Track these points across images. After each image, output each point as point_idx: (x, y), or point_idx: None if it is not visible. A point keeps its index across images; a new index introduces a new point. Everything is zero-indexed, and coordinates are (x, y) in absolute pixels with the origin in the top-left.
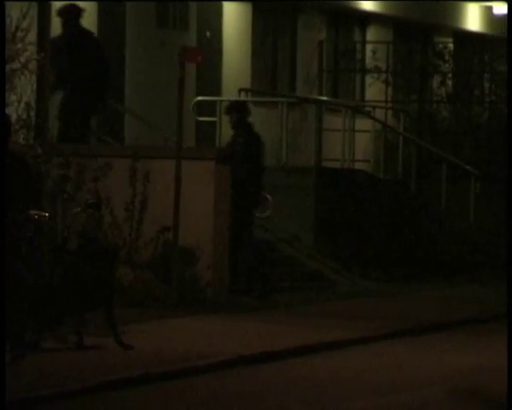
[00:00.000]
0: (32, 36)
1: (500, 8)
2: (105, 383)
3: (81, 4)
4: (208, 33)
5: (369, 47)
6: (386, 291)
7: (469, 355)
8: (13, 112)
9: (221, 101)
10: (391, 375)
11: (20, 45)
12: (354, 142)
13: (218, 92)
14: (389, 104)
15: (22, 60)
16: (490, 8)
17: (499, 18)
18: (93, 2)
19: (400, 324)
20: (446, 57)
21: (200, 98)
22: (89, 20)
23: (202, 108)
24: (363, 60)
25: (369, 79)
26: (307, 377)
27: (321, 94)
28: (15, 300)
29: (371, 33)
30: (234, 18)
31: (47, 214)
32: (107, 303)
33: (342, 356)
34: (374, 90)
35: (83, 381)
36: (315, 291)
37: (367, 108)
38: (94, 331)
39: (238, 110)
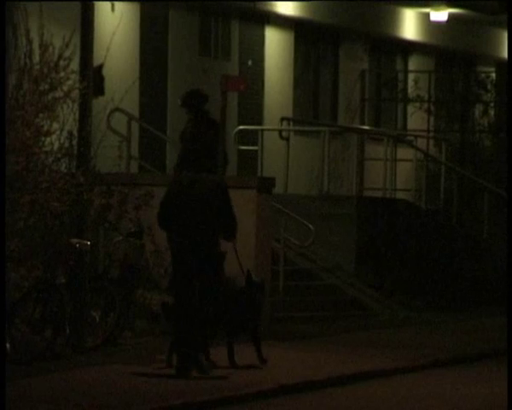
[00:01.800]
0: (75, 64)
1: None
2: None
3: (125, 30)
4: (250, 62)
5: (411, 76)
6: (426, 321)
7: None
8: (55, 140)
9: (263, 130)
10: (431, 405)
11: (62, 74)
12: (396, 171)
13: (259, 121)
14: (431, 133)
15: (65, 88)
16: None
17: None
18: (135, 28)
19: (440, 354)
20: (489, 87)
21: (241, 127)
22: (131, 47)
23: (244, 137)
24: (405, 89)
25: (411, 109)
26: (348, 407)
27: (363, 123)
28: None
29: (413, 62)
30: (276, 47)
31: (88, 243)
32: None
33: (383, 386)
34: (416, 119)
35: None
36: (356, 320)
37: (409, 138)
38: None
39: (206, 99)
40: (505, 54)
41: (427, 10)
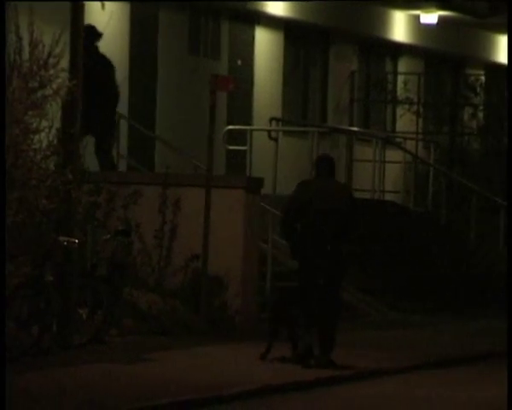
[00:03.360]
0: (65, 62)
1: None
2: None
3: (115, 29)
4: (240, 62)
5: (400, 78)
6: (414, 323)
7: (495, 387)
8: (44, 138)
9: (252, 130)
10: (417, 407)
11: (52, 72)
12: (384, 173)
13: (248, 121)
14: (420, 136)
15: (54, 86)
16: None
17: None
18: (125, 28)
19: (427, 356)
20: (478, 89)
21: (230, 127)
22: (121, 45)
23: (233, 137)
24: (394, 91)
25: (400, 110)
26: (334, 408)
27: (352, 124)
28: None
29: (402, 64)
30: (265, 47)
31: (76, 241)
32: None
33: (369, 387)
34: (405, 121)
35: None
36: (344, 321)
37: (398, 139)
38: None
39: (100, 36)
40: (494, 57)
41: (417, 12)
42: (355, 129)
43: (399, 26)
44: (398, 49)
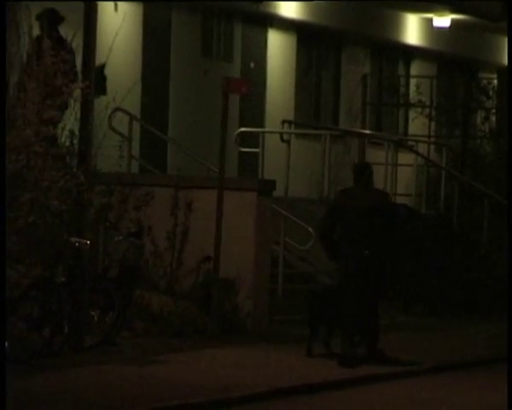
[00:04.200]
0: (77, 63)
1: None
2: None
3: (128, 31)
4: (252, 64)
5: (412, 81)
6: (425, 326)
7: (501, 392)
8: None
9: (264, 132)
10: None
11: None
12: (397, 176)
13: (261, 123)
14: (432, 139)
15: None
16: None
17: None
18: (138, 28)
19: (437, 359)
20: (490, 93)
21: (243, 129)
22: (134, 47)
23: (245, 139)
24: (406, 94)
25: (412, 114)
26: None
27: (364, 127)
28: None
29: (415, 68)
30: (278, 50)
31: (88, 242)
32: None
33: (379, 390)
34: (417, 124)
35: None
36: None
37: (410, 143)
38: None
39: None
40: (507, 60)
41: (429, 16)
42: (367, 132)
43: (412, 30)
44: (410, 52)
